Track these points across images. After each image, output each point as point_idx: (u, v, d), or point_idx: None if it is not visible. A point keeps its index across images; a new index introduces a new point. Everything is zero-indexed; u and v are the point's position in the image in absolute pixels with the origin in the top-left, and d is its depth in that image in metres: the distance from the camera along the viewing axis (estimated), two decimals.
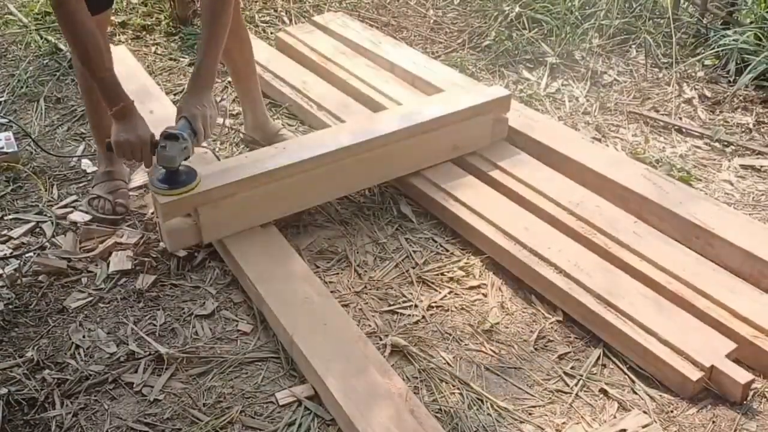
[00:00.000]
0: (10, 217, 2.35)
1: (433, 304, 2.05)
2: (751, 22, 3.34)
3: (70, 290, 2.08)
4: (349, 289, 2.10)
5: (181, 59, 3.29)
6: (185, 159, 2.02)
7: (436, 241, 2.28)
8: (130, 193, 2.43)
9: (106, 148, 2.06)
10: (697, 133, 2.85)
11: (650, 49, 3.33)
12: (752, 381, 1.75)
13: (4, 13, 3.65)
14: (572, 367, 1.87)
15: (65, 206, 2.40)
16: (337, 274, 2.16)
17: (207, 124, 2.03)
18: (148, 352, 1.88)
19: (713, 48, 3.24)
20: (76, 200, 2.43)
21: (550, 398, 1.79)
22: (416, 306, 2.04)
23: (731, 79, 3.15)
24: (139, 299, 2.05)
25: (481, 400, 1.77)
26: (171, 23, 3.53)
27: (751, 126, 2.89)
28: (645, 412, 1.74)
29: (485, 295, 2.09)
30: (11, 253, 2.19)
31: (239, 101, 2.73)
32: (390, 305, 2.05)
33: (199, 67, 2.04)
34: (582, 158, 2.42)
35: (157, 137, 2.01)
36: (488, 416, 1.74)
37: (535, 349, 1.92)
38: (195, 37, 3.43)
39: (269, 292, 1.95)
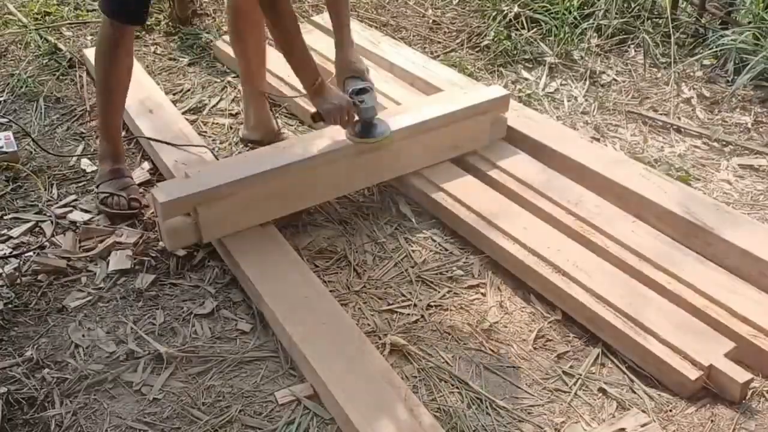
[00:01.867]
0: (10, 216, 2.35)
1: (432, 304, 2.05)
2: (750, 22, 3.34)
3: (70, 289, 2.09)
4: (348, 288, 2.10)
5: (181, 59, 3.28)
6: None
7: (435, 241, 2.28)
8: None
9: (313, 120, 2.21)
10: (695, 133, 2.85)
11: (649, 48, 3.34)
12: (751, 380, 1.75)
13: (4, 13, 3.65)
14: (571, 366, 1.88)
15: (65, 206, 2.39)
16: (336, 273, 2.16)
17: (369, 74, 2.29)
18: (147, 352, 1.89)
19: (711, 48, 3.24)
20: (75, 200, 2.43)
21: (549, 397, 1.80)
22: (415, 305, 2.04)
23: (729, 79, 3.16)
24: (139, 298, 2.06)
25: (480, 400, 1.78)
26: (170, 23, 3.53)
27: (749, 125, 2.89)
28: (644, 412, 1.74)
29: (484, 295, 2.09)
30: (11, 252, 2.19)
31: (240, 101, 2.73)
32: (389, 304, 2.05)
33: (342, 33, 2.28)
34: (581, 158, 2.43)
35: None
36: (487, 415, 1.74)
37: (534, 348, 1.93)
38: (194, 38, 3.43)
39: (268, 291, 1.96)
